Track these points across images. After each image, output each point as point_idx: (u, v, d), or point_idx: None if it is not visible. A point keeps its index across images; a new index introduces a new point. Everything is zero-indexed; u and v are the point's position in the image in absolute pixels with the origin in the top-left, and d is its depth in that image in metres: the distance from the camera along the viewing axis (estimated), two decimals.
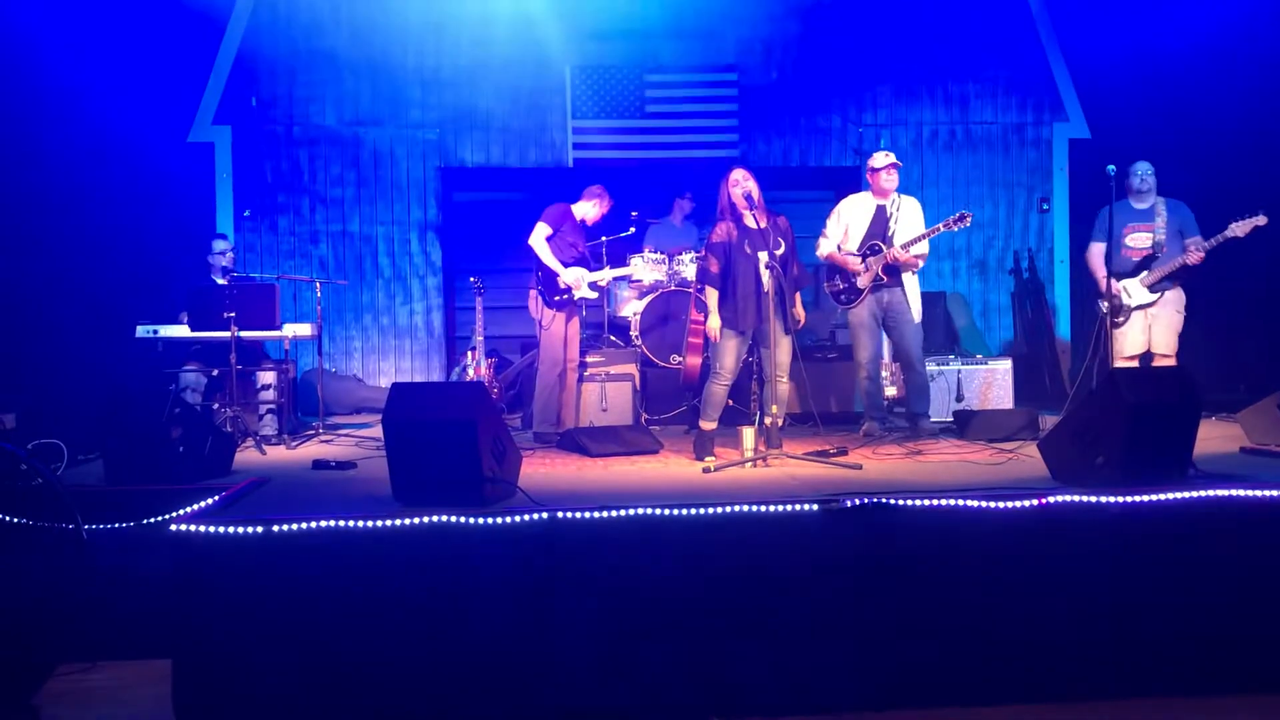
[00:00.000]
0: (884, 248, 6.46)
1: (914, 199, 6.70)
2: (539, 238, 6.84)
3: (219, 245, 7.48)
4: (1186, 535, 4.13)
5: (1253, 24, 7.72)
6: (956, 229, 6.35)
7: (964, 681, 4.02)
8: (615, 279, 7.65)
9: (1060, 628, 4.05)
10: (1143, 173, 6.66)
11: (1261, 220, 6.21)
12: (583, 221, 7.00)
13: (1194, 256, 6.42)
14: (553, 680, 3.92)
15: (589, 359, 7.50)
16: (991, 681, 4.03)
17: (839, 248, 6.66)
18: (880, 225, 6.54)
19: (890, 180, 6.53)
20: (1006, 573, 4.07)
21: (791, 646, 3.98)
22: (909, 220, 6.54)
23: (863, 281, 6.54)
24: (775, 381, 5.60)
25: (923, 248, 6.46)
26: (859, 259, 6.56)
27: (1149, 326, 6.62)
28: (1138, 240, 6.64)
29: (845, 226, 6.66)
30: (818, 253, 6.83)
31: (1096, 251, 6.80)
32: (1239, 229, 6.26)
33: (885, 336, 6.77)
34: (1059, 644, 4.05)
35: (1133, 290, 6.59)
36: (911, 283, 6.56)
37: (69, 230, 7.42)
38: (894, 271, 6.50)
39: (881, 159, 6.56)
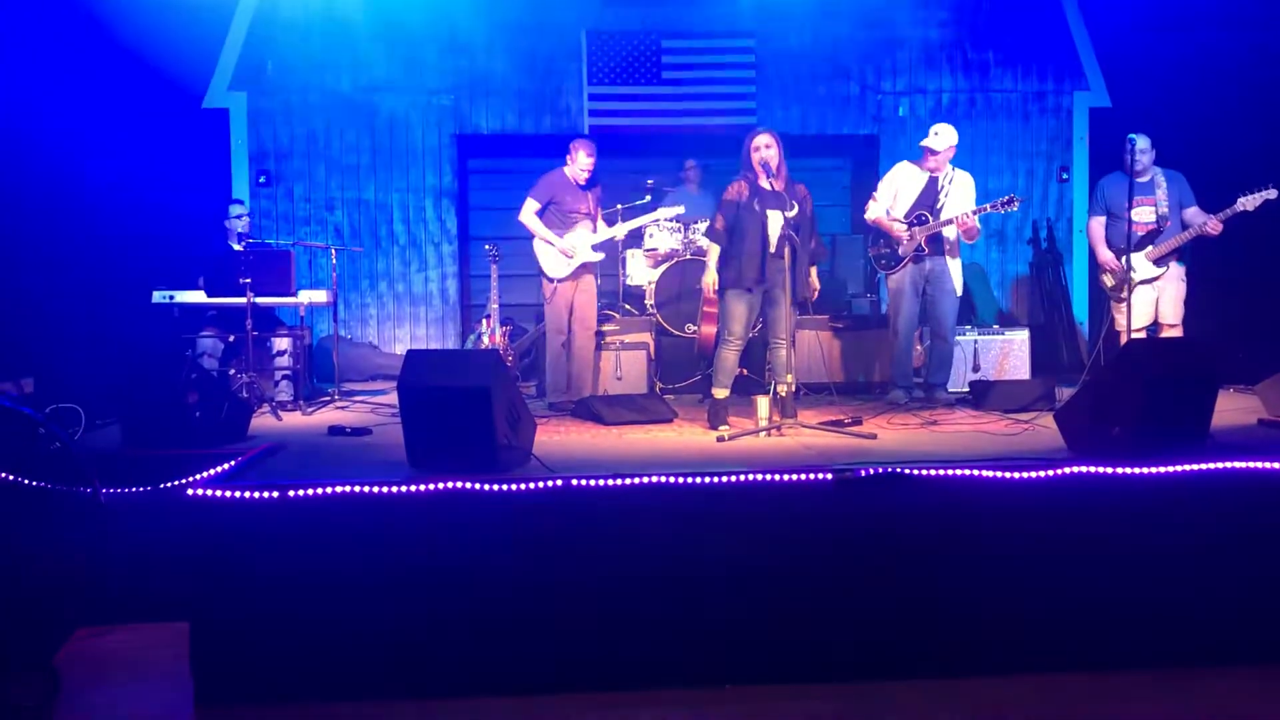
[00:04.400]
0: (930, 218, 6.43)
1: (968, 174, 6.64)
2: (528, 213, 6.86)
3: (235, 209, 7.53)
4: (1203, 508, 4.12)
5: None
6: (1004, 211, 6.33)
7: (977, 652, 4.03)
8: (625, 244, 7.58)
9: (1074, 598, 4.06)
10: (1142, 150, 6.54)
11: (1271, 194, 6.14)
12: (578, 181, 6.92)
13: (1213, 225, 6.35)
14: (565, 646, 3.94)
15: (604, 328, 7.49)
16: (1005, 652, 4.04)
17: (887, 213, 6.63)
18: (930, 196, 6.51)
19: (938, 160, 6.50)
20: (1021, 543, 4.07)
21: (804, 615, 3.99)
22: (960, 194, 6.50)
23: (904, 249, 6.51)
24: (775, 347, 5.62)
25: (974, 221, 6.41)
26: (904, 226, 6.53)
27: (1156, 299, 6.58)
28: (1142, 214, 6.57)
29: (895, 191, 6.64)
30: (866, 216, 6.81)
31: (1096, 225, 6.77)
32: (1248, 203, 6.19)
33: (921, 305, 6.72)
34: (1072, 614, 4.06)
35: (1137, 264, 6.54)
36: (955, 255, 6.53)
37: (86, 196, 7.43)
38: (936, 242, 6.47)
39: (931, 140, 6.49)
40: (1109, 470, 4.12)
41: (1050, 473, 4.11)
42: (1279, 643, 4.11)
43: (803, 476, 4.06)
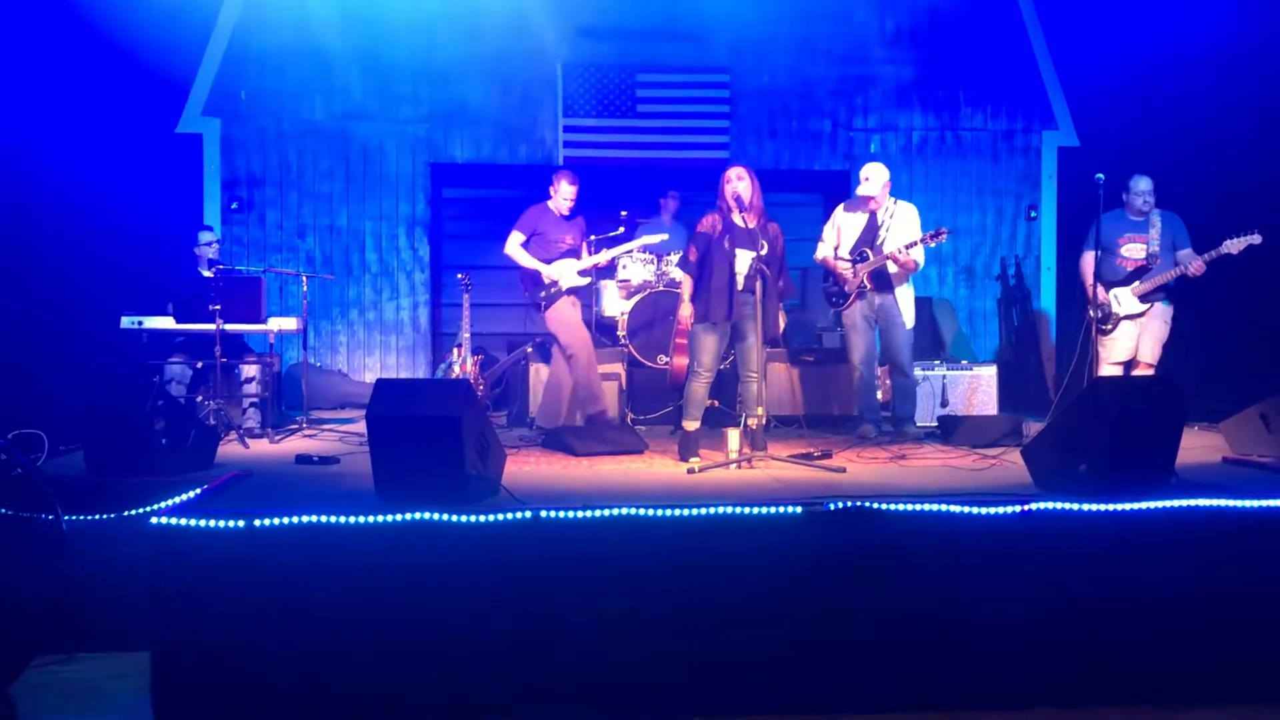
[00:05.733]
0: (870, 254, 6.54)
1: (910, 205, 6.75)
2: (513, 245, 6.87)
3: (205, 236, 7.50)
4: (1168, 544, 4.15)
5: (1244, 36, 7.75)
6: (933, 244, 6.44)
7: (943, 686, 4.03)
8: (600, 273, 7.61)
9: (1040, 634, 4.07)
10: (1143, 191, 6.64)
11: (1256, 239, 6.20)
12: (563, 214, 6.95)
13: (1196, 266, 6.42)
14: (533, 677, 3.91)
15: None
16: (971, 687, 4.04)
17: (835, 251, 6.74)
18: (870, 233, 6.63)
19: (876, 200, 6.61)
20: (988, 579, 4.09)
21: (773, 648, 3.99)
22: (902, 227, 6.59)
23: (849, 286, 6.62)
24: (746, 381, 5.67)
25: (914, 254, 6.49)
26: (848, 264, 6.64)
27: (1138, 335, 6.66)
28: (1133, 250, 6.67)
29: (838, 231, 6.76)
30: (815, 256, 6.97)
31: (1089, 259, 6.86)
32: (1233, 246, 6.26)
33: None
34: (1039, 651, 4.07)
35: (1123, 299, 6.63)
36: (904, 288, 6.62)
37: (54, 219, 7.37)
38: (879, 277, 6.56)
39: (862, 187, 6.65)
40: (1075, 507, 4.15)
41: (1017, 509, 4.13)
42: (1245, 680, 4.13)
43: (772, 509, 4.07)
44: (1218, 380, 7.43)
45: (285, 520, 3.89)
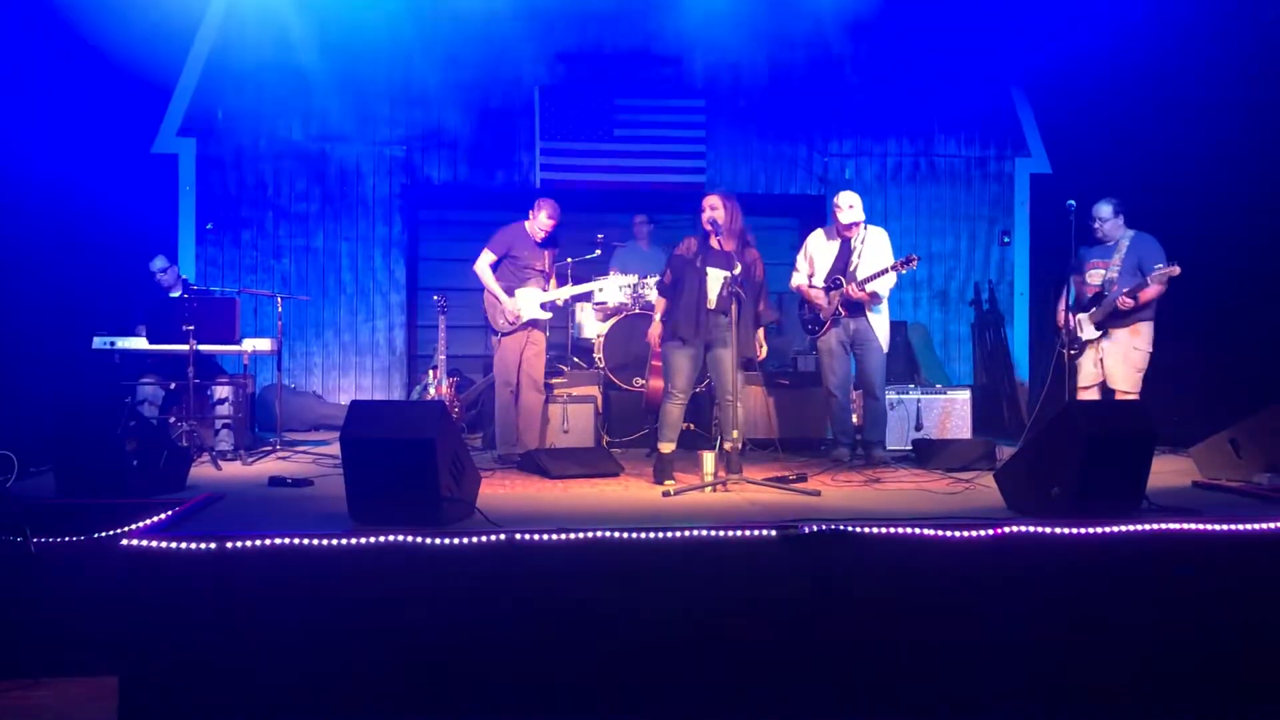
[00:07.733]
0: (844, 282, 6.56)
1: (881, 230, 6.79)
2: (483, 264, 6.84)
3: (156, 264, 7.40)
4: (1139, 568, 4.18)
5: (1213, 66, 7.86)
6: (904, 271, 6.48)
7: (917, 707, 4.04)
8: (574, 298, 7.62)
9: (1013, 657, 4.08)
10: (1101, 216, 6.75)
11: (1174, 270, 6.37)
12: (540, 239, 6.94)
13: (1122, 302, 6.53)
14: (508, 700, 3.89)
15: (553, 380, 7.48)
16: (944, 708, 4.05)
17: (809, 279, 6.78)
18: (843, 260, 6.66)
19: (850, 226, 6.64)
20: (961, 602, 4.10)
21: (747, 670, 3.98)
22: (874, 253, 6.63)
23: (824, 314, 6.66)
24: (723, 405, 5.69)
25: (878, 285, 6.53)
26: (821, 292, 6.67)
27: (1099, 360, 6.73)
28: (1094, 276, 6.76)
29: (811, 260, 6.78)
30: (790, 285, 7.00)
31: (1066, 286, 6.97)
32: (1154, 279, 6.44)
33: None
34: (1011, 673, 4.08)
35: (1084, 325, 6.72)
36: (879, 312, 6.65)
37: (26, 238, 7.31)
38: (854, 303, 6.59)
39: (845, 214, 6.64)
40: (1048, 530, 4.18)
41: (991, 532, 4.15)
42: (1214, 701, 4.16)
43: (747, 532, 4.07)
44: (1186, 406, 7.48)
45: (258, 543, 3.86)
